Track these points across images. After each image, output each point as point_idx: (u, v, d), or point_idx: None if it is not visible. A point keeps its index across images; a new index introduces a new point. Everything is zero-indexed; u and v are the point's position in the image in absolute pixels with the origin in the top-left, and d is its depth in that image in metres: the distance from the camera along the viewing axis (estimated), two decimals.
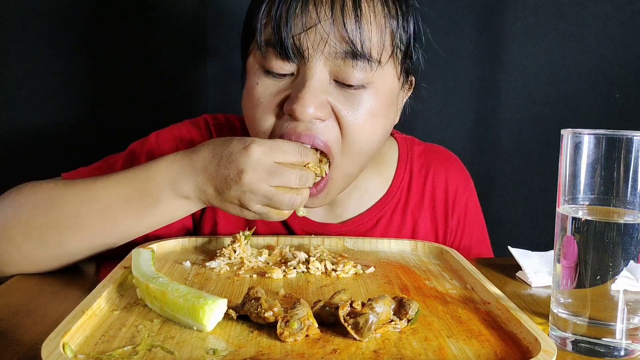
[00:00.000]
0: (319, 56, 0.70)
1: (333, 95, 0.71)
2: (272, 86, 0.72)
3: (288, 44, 0.69)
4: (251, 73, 0.75)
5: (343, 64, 0.70)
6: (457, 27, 1.19)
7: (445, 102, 1.21)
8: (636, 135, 0.48)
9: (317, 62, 0.70)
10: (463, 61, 1.20)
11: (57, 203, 0.70)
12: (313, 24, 0.68)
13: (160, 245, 0.75)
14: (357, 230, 0.86)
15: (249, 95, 0.74)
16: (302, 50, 0.69)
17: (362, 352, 0.46)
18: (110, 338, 0.48)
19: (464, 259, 0.70)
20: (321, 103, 0.70)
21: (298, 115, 0.69)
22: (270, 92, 0.72)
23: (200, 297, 0.50)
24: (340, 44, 0.69)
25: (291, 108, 0.69)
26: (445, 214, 0.90)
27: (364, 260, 0.73)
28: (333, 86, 0.72)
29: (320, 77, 0.70)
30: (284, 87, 0.72)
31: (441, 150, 0.96)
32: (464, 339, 0.49)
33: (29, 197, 0.72)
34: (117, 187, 0.70)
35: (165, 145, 0.86)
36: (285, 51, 0.69)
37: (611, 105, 1.22)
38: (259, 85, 0.73)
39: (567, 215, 0.51)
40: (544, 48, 1.20)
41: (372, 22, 0.70)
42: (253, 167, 0.65)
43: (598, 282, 0.50)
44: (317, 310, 0.51)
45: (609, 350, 0.50)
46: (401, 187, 0.89)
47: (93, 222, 0.70)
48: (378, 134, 0.75)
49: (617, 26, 1.19)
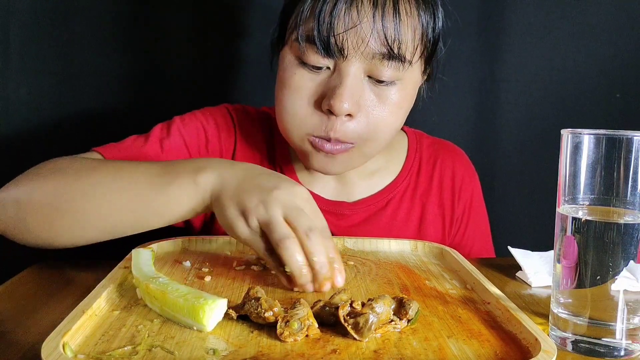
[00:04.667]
0: (358, 55, 0.73)
1: (365, 91, 0.76)
2: (309, 79, 0.76)
3: (330, 42, 0.72)
4: (286, 63, 0.77)
5: (378, 63, 0.74)
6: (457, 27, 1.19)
7: (445, 102, 1.21)
8: (636, 135, 0.48)
9: (355, 60, 0.73)
10: (463, 60, 1.20)
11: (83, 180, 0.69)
12: (354, 24, 0.71)
13: (160, 245, 0.75)
14: (369, 210, 0.90)
15: (286, 82, 0.77)
16: (342, 49, 0.72)
17: (362, 352, 0.46)
18: (110, 338, 0.48)
19: (464, 259, 0.70)
20: (355, 99, 0.74)
21: (336, 110, 0.73)
22: (307, 84, 0.76)
23: (200, 297, 0.50)
24: (379, 46, 0.72)
25: (329, 103, 0.73)
26: (452, 201, 0.94)
27: (363, 260, 0.73)
28: (365, 82, 0.76)
29: (356, 75, 0.74)
30: (319, 80, 0.76)
31: (449, 143, 1.01)
32: (464, 339, 0.49)
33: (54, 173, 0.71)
34: (150, 167, 0.69)
35: (191, 128, 0.87)
36: (326, 49, 0.72)
37: (611, 105, 1.21)
38: (296, 75, 0.76)
39: (567, 215, 0.51)
40: (544, 48, 1.20)
41: (409, 26, 0.74)
42: (289, 194, 0.62)
43: (598, 282, 0.50)
44: (317, 310, 0.51)
45: (609, 350, 0.50)
46: (411, 173, 0.94)
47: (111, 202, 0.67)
48: (400, 123, 0.81)
49: (617, 26, 1.19)
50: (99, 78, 1.13)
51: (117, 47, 1.13)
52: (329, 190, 0.90)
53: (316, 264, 0.58)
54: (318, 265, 0.58)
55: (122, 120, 1.14)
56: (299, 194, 0.63)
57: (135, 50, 1.14)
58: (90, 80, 1.13)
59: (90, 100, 1.14)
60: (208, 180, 0.65)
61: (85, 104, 1.14)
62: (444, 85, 1.20)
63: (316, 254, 0.59)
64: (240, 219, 0.61)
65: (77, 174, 0.70)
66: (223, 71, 1.17)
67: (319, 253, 0.59)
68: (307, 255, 0.59)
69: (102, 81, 1.14)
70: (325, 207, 0.87)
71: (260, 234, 0.61)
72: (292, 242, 0.58)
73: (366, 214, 0.90)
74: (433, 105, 1.19)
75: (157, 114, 0.94)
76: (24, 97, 1.11)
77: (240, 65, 1.16)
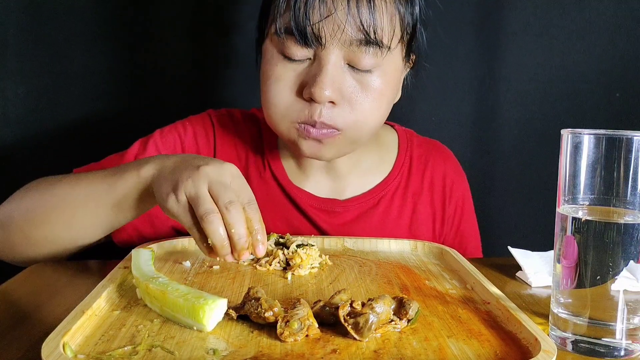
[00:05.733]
0: (335, 43, 0.74)
1: (346, 78, 0.77)
2: (290, 69, 0.77)
3: (307, 32, 0.74)
4: (268, 56, 0.79)
5: (356, 49, 0.75)
6: (456, 27, 1.19)
7: (445, 101, 1.21)
8: (636, 135, 0.48)
9: (333, 48, 0.75)
10: (462, 60, 1.20)
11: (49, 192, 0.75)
12: (330, 12, 0.73)
13: (160, 245, 0.75)
14: (360, 207, 0.90)
15: (268, 74, 0.78)
16: (319, 37, 0.74)
17: (362, 352, 0.46)
18: (110, 338, 0.48)
19: (464, 259, 0.70)
20: (337, 86, 0.75)
21: (317, 98, 0.74)
22: (289, 74, 0.77)
23: (200, 297, 0.50)
24: (355, 32, 0.74)
25: (310, 91, 0.74)
26: (443, 200, 0.95)
27: (363, 260, 0.73)
28: (346, 69, 0.77)
29: (335, 62, 0.75)
30: (300, 70, 0.77)
31: (438, 143, 1.01)
32: (464, 339, 0.49)
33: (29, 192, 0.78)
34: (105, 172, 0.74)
35: (169, 141, 0.89)
36: (304, 38, 0.74)
37: (611, 105, 1.21)
38: (278, 67, 0.77)
39: (567, 215, 0.51)
40: (543, 47, 1.20)
41: (384, 11, 0.75)
42: (216, 169, 0.64)
43: (598, 282, 0.50)
44: (317, 310, 0.51)
45: (609, 350, 0.50)
46: (402, 171, 0.94)
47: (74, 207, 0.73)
48: (384, 111, 0.81)
49: (617, 26, 1.19)
50: (96, 78, 1.13)
51: (114, 47, 1.13)
52: (321, 189, 0.91)
53: (234, 235, 0.61)
54: (236, 237, 0.61)
55: (119, 121, 1.14)
56: (226, 169, 0.65)
57: (133, 51, 1.14)
58: (88, 80, 1.13)
59: (88, 101, 1.14)
60: (149, 170, 0.69)
61: (84, 104, 1.14)
62: (443, 84, 1.21)
63: (234, 225, 0.60)
64: (171, 194, 0.63)
65: (48, 189, 0.76)
66: (220, 70, 1.17)
67: (237, 225, 0.61)
68: (226, 227, 0.61)
69: (100, 82, 1.14)
70: (317, 205, 0.89)
71: (187, 208, 0.63)
72: (215, 216, 0.60)
73: (358, 212, 0.90)
74: (432, 105, 1.20)
75: (155, 114, 0.94)
76: (22, 98, 1.11)
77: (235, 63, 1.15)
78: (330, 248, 0.79)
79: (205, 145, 0.91)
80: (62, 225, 0.73)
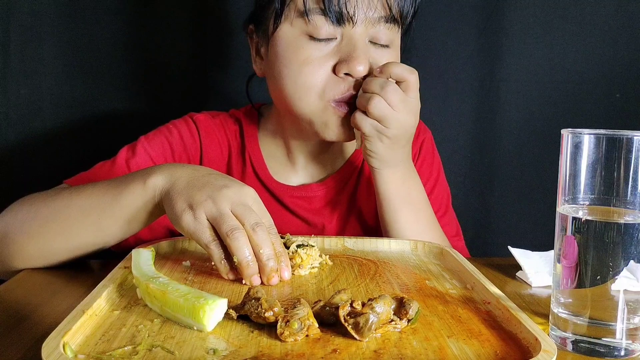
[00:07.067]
0: (364, 20, 0.78)
1: (371, 53, 0.80)
2: (317, 49, 0.79)
3: (342, 11, 0.77)
4: (288, 39, 0.80)
5: (380, 26, 0.80)
6: (457, 27, 1.19)
7: (445, 102, 1.21)
8: (636, 135, 0.48)
9: (362, 26, 0.79)
10: (463, 61, 1.20)
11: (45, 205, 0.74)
12: None
13: (160, 245, 0.75)
14: (337, 186, 0.93)
15: (294, 58, 0.79)
16: (353, 16, 0.77)
17: (362, 352, 0.46)
18: (110, 338, 0.48)
19: (464, 259, 0.70)
20: (367, 61, 0.79)
21: (356, 73, 0.78)
22: (317, 54, 0.79)
23: (200, 297, 0.50)
24: (382, 10, 0.79)
25: (348, 67, 0.78)
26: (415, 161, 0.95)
27: (363, 260, 0.73)
28: (369, 45, 0.81)
29: (364, 39, 0.80)
30: (328, 50, 0.79)
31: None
32: (464, 339, 0.49)
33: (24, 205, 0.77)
34: (106, 182, 0.73)
35: (157, 144, 0.89)
36: (338, 17, 0.77)
37: (611, 105, 1.21)
38: (305, 49, 0.79)
39: (567, 215, 0.51)
40: (544, 48, 1.20)
41: None
42: (237, 192, 0.65)
43: (598, 282, 0.50)
44: (317, 310, 0.51)
45: (609, 350, 0.50)
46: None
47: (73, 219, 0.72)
48: None
49: (617, 26, 1.19)
50: (98, 78, 1.13)
51: (117, 47, 1.13)
52: (298, 178, 0.94)
53: (263, 256, 0.61)
54: (265, 257, 0.62)
55: (121, 121, 1.14)
56: (246, 193, 0.66)
57: (136, 50, 1.14)
58: (90, 81, 1.13)
59: (90, 101, 1.14)
60: (157, 181, 0.68)
61: (85, 104, 1.14)
62: (444, 85, 1.21)
63: (263, 246, 0.61)
64: (188, 211, 0.63)
65: (43, 202, 0.75)
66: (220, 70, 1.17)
67: (265, 246, 0.62)
68: (254, 247, 0.62)
69: (102, 81, 1.14)
70: (294, 193, 0.92)
71: (207, 225, 0.63)
72: (241, 233, 0.61)
73: (335, 191, 0.93)
74: (433, 105, 1.20)
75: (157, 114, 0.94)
76: (25, 98, 1.11)
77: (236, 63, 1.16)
78: (330, 248, 0.79)
79: (192, 147, 0.92)
80: (59, 237, 0.72)
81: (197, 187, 0.65)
